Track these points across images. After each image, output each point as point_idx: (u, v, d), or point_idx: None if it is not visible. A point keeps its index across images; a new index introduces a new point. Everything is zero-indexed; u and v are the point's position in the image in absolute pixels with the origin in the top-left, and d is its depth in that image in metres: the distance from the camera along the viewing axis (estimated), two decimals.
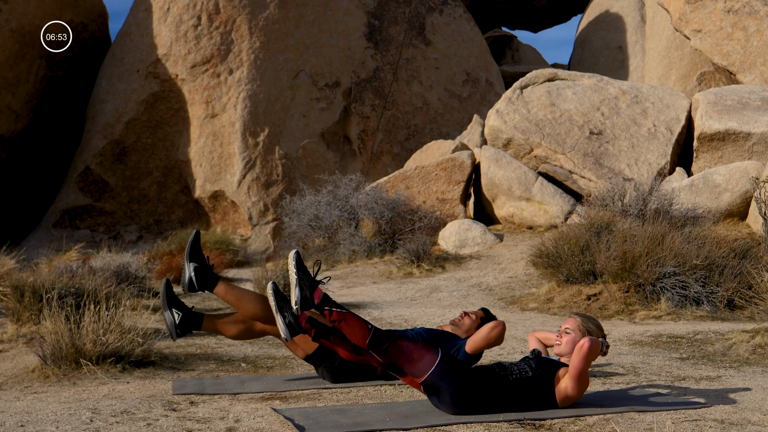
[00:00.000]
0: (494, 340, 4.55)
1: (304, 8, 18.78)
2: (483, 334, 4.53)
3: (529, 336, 4.42)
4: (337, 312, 3.79)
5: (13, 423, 3.77)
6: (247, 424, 3.73)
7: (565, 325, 4.01)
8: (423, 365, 3.74)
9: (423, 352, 3.77)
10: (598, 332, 3.99)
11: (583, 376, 3.78)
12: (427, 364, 3.74)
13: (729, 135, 11.78)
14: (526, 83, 14.02)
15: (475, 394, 3.75)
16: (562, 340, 3.97)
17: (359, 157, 18.60)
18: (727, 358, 5.43)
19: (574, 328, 3.98)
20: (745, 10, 14.52)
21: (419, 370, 3.75)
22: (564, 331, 3.99)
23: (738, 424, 3.56)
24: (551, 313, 7.90)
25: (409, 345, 3.78)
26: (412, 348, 3.76)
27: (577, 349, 3.75)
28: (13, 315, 6.79)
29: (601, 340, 3.82)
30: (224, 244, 15.45)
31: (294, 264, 3.85)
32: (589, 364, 3.76)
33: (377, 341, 3.75)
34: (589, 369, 3.88)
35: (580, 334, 3.95)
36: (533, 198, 12.54)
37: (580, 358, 3.73)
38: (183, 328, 4.54)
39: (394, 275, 10.93)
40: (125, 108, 18.07)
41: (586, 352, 3.72)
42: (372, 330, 3.77)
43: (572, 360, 3.77)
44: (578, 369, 3.75)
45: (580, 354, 3.73)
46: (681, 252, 7.74)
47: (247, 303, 4.53)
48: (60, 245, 16.21)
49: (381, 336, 3.77)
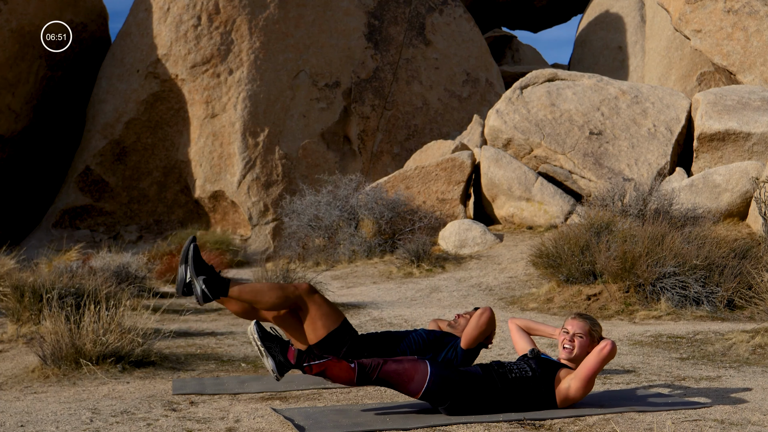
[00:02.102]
0: (485, 326, 4.58)
1: (304, 8, 18.78)
2: (473, 324, 4.59)
3: (510, 323, 4.36)
4: (316, 365, 3.76)
5: (13, 423, 3.77)
6: (247, 424, 3.73)
7: (573, 329, 3.94)
8: (416, 382, 3.73)
9: (412, 370, 3.74)
10: (600, 333, 3.99)
11: (593, 379, 3.79)
12: (420, 379, 3.72)
13: (729, 135, 11.77)
14: (526, 83, 14.02)
15: (473, 395, 3.74)
16: (575, 345, 3.91)
17: (359, 157, 18.60)
18: (727, 358, 5.43)
19: (585, 333, 3.93)
20: (745, 10, 14.52)
21: (414, 387, 3.74)
22: (575, 336, 3.94)
23: (738, 424, 3.56)
24: (551, 313, 7.90)
25: (396, 367, 3.75)
26: (400, 370, 3.74)
27: (597, 351, 3.74)
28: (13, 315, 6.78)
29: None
30: (224, 244, 15.46)
31: (257, 337, 3.79)
32: (602, 367, 3.76)
33: (363, 376, 3.73)
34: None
35: (590, 338, 3.92)
36: (533, 198, 12.54)
37: (598, 359, 3.73)
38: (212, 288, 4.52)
39: (394, 275, 10.92)
40: (125, 108, 18.07)
41: (606, 355, 3.73)
42: (356, 368, 3.74)
43: (588, 360, 3.76)
44: (592, 370, 3.75)
45: (600, 355, 3.73)
46: (681, 252, 7.74)
47: (264, 295, 4.56)
48: (60, 245, 16.21)
49: (366, 370, 3.74)
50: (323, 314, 4.60)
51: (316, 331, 4.61)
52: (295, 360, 3.75)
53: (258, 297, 4.55)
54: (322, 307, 4.62)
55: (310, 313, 4.59)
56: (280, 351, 3.75)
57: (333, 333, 4.60)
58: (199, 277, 4.39)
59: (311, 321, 4.61)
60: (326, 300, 4.69)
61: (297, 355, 3.76)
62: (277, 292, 4.57)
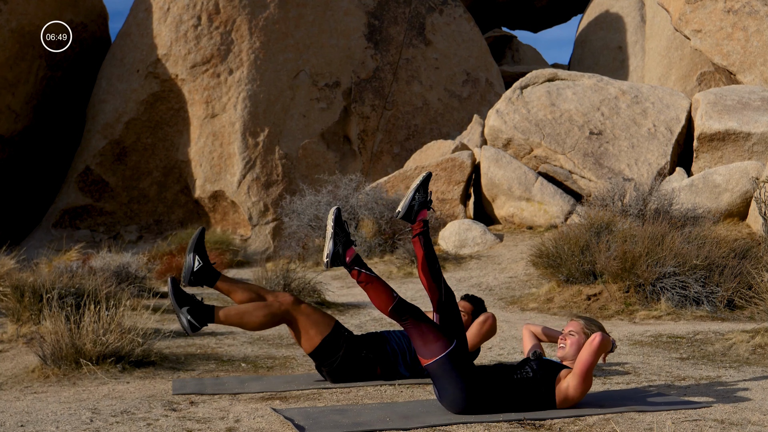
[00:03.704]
0: (487, 334, 4.72)
1: (304, 8, 18.78)
2: (475, 332, 4.72)
3: (524, 329, 4.42)
4: (365, 274, 3.88)
5: (13, 423, 3.77)
6: (247, 424, 3.73)
7: (568, 328, 3.99)
8: (431, 350, 3.78)
9: (437, 337, 3.80)
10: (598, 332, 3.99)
11: (589, 375, 3.76)
12: (436, 350, 3.78)
13: (729, 135, 11.77)
14: (526, 83, 14.02)
15: (479, 393, 3.75)
16: (567, 343, 3.95)
17: (359, 157, 18.60)
18: (727, 358, 5.43)
19: (577, 331, 3.96)
20: (745, 10, 14.52)
21: (426, 352, 3.80)
22: (568, 334, 3.97)
23: (738, 424, 3.56)
24: (551, 313, 7.90)
25: (426, 327, 3.83)
26: (428, 330, 3.82)
27: (587, 344, 3.73)
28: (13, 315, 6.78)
29: (612, 339, 3.82)
30: (224, 244, 15.45)
31: (332, 219, 3.94)
32: (597, 360, 3.73)
33: (399, 310, 3.85)
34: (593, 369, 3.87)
35: (584, 336, 3.93)
36: (533, 198, 12.54)
37: (590, 352, 3.70)
38: (198, 277, 4.60)
39: (394, 275, 10.93)
40: (125, 108, 18.07)
41: (596, 346, 3.70)
42: (396, 299, 3.86)
43: (581, 355, 3.75)
44: (586, 364, 3.71)
45: (591, 348, 3.70)
46: (681, 252, 7.74)
47: (251, 316, 4.58)
48: (60, 245, 16.21)
49: (404, 307, 3.86)
50: (313, 323, 4.63)
51: (310, 340, 4.63)
52: (351, 260, 3.88)
53: (245, 319, 4.57)
54: (311, 316, 4.64)
55: (299, 324, 4.61)
56: (342, 245, 3.89)
57: (327, 338, 4.63)
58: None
59: (304, 331, 4.63)
60: (314, 308, 4.70)
61: (354, 258, 3.89)
62: (263, 311, 4.58)
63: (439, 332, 3.82)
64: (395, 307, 3.85)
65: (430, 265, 4.06)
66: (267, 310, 4.58)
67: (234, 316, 4.56)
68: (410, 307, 3.89)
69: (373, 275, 3.91)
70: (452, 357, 3.77)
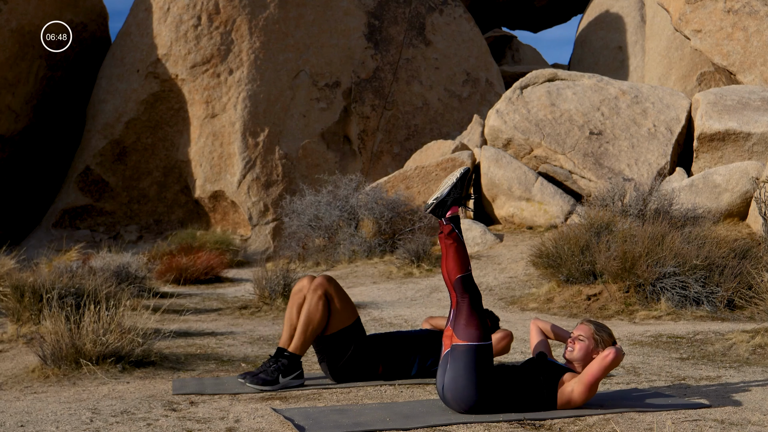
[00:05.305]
0: (501, 351, 4.72)
1: (304, 8, 18.78)
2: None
3: (532, 323, 4.43)
4: (456, 234, 3.88)
5: (13, 423, 3.77)
6: (247, 424, 3.73)
7: (578, 332, 4.00)
8: (469, 333, 3.80)
9: (478, 327, 3.81)
10: (610, 340, 3.99)
11: (596, 385, 3.81)
12: (472, 336, 3.79)
13: (729, 135, 11.77)
14: (526, 83, 14.02)
15: (490, 393, 3.76)
16: (575, 347, 3.96)
17: (359, 157, 18.60)
18: (727, 358, 5.43)
19: (587, 336, 3.97)
20: (745, 10, 14.52)
21: (463, 334, 3.81)
22: (577, 338, 3.98)
23: (738, 424, 3.56)
24: (551, 313, 7.90)
25: (476, 313, 3.83)
26: (476, 316, 3.82)
27: (601, 357, 3.76)
28: (13, 315, 6.78)
29: (624, 352, 3.85)
30: (224, 244, 15.45)
31: (461, 173, 3.95)
32: (606, 375, 3.78)
33: (466, 283, 3.84)
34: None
35: (594, 342, 3.95)
36: (533, 198, 12.54)
37: (601, 366, 3.75)
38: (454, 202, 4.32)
39: (394, 275, 10.93)
40: (125, 108, 18.07)
41: (609, 362, 3.74)
42: (469, 272, 3.87)
43: (591, 366, 3.78)
44: (595, 377, 3.77)
45: (603, 363, 3.75)
46: (681, 252, 7.74)
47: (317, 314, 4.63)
48: (60, 245, 16.21)
49: (471, 283, 3.86)
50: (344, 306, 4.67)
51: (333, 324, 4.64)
52: (451, 216, 3.90)
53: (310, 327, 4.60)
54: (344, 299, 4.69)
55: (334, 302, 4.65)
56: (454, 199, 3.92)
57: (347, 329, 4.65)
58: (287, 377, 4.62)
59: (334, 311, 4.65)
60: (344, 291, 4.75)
61: (454, 216, 3.91)
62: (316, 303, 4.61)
63: (482, 325, 3.85)
64: (465, 277, 3.84)
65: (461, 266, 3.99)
66: (314, 296, 4.59)
67: (300, 336, 4.58)
68: (476, 286, 3.90)
69: (461, 242, 3.89)
70: (480, 351, 3.79)
